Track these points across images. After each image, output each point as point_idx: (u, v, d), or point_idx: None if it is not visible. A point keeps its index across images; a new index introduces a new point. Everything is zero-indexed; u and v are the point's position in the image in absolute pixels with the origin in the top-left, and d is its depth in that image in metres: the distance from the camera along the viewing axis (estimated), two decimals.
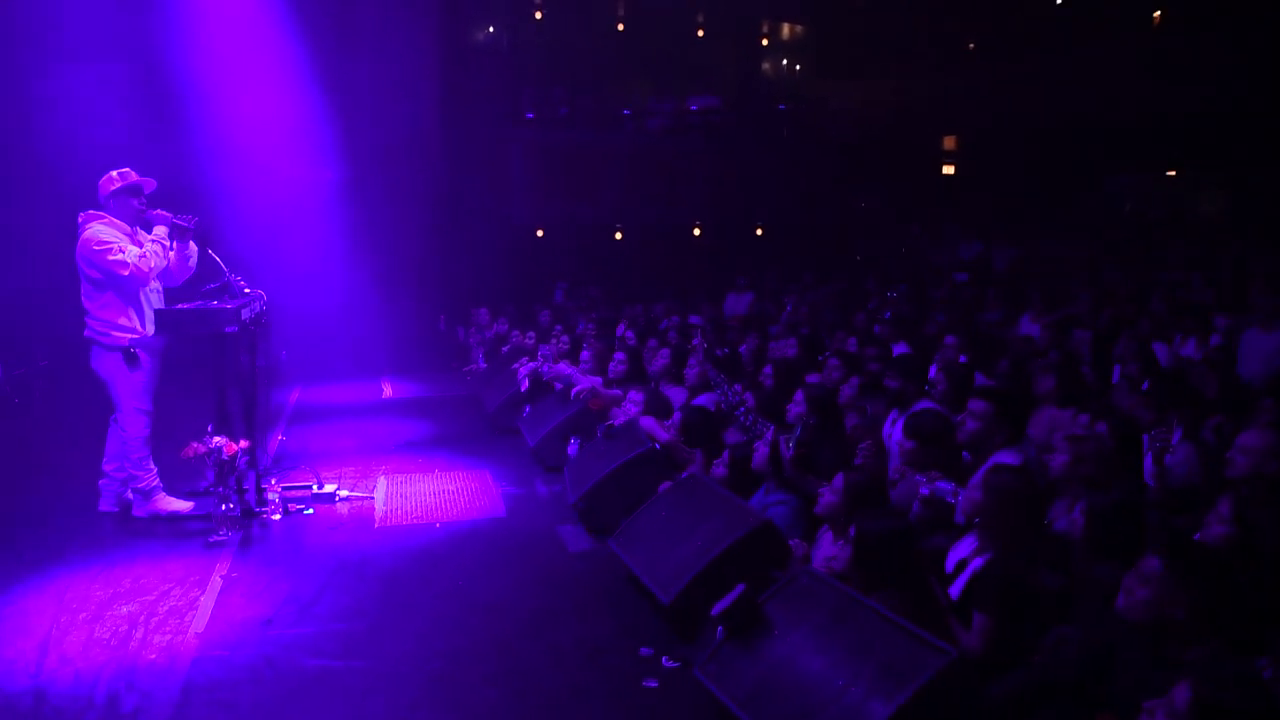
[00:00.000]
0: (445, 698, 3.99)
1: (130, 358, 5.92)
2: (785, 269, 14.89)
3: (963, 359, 8.00)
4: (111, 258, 5.69)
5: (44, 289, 10.51)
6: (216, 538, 5.74)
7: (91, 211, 5.89)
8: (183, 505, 6.23)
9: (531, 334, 10.55)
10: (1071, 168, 16.50)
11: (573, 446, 7.24)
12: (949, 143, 18.28)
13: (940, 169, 18.18)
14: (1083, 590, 3.84)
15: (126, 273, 5.70)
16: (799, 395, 6.24)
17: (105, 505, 6.29)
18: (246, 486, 6.15)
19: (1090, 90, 15.54)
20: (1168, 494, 5.19)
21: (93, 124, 9.16)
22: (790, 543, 4.73)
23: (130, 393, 5.98)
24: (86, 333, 5.94)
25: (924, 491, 4.80)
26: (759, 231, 16.44)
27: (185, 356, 6.51)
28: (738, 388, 6.85)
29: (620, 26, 15.86)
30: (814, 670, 3.49)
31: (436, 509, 6.39)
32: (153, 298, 6.06)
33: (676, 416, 6.47)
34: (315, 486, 6.58)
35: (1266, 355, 7.99)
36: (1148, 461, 5.38)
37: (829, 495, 4.68)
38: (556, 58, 15.30)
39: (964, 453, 5.35)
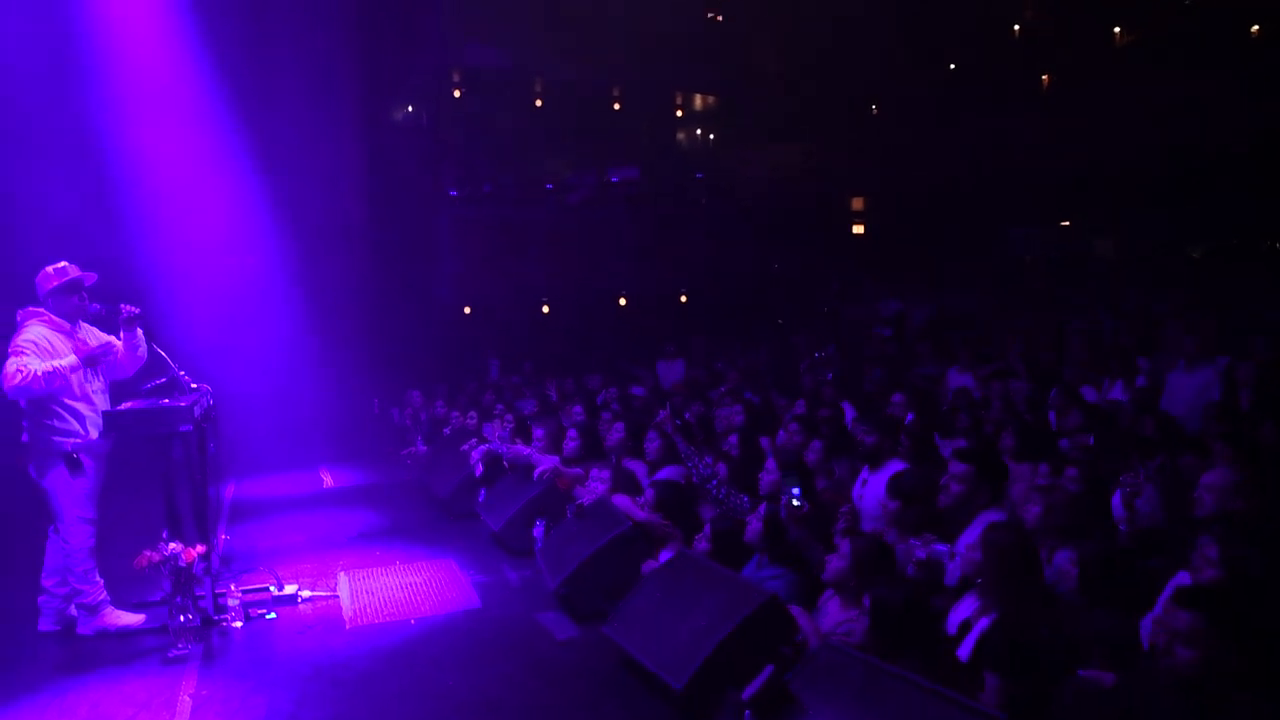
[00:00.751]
0: None
1: (73, 463, 5.56)
2: (712, 334, 15.05)
3: (909, 416, 8.15)
4: (5, 367, 5.30)
5: None
6: (177, 652, 5.37)
7: (31, 308, 5.56)
8: (133, 619, 5.82)
9: (473, 414, 10.35)
10: (975, 222, 17.26)
11: (538, 528, 7.07)
12: (857, 203, 18.91)
13: (851, 228, 18.76)
14: (1083, 639, 3.90)
15: (7, 386, 5.30)
16: (770, 464, 6.25)
17: (45, 624, 5.82)
18: (202, 593, 5.79)
19: (989, 151, 16.37)
20: (1139, 537, 5.35)
21: (29, 214, 8.74)
22: (791, 609, 4.68)
23: (73, 501, 5.59)
24: (25, 437, 5.56)
25: (920, 554, 4.82)
26: (683, 298, 16.63)
27: (121, 456, 6.17)
28: (708, 459, 6.82)
29: (539, 102, 16.04)
30: None
31: (407, 604, 6.13)
32: (97, 399, 5.72)
33: (649, 493, 6.38)
34: (275, 588, 6.24)
35: (1192, 394, 8.37)
36: (1115, 505, 5.54)
37: (837, 561, 4.65)
38: (477, 135, 15.33)
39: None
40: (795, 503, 5.19)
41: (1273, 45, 14.40)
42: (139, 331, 5.94)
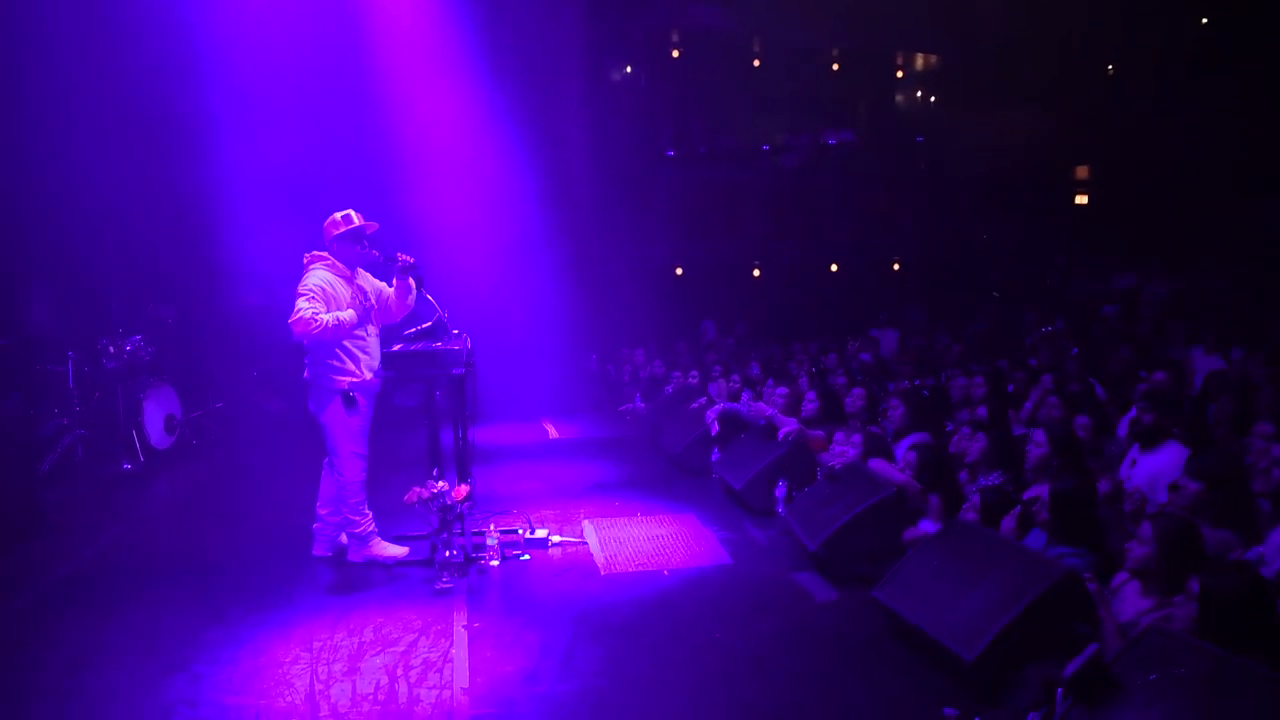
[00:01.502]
0: None
1: (349, 401, 5.82)
2: (925, 305, 14.46)
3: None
4: (296, 305, 5.56)
5: (212, 331, 10.83)
6: (442, 585, 5.56)
7: (317, 253, 5.84)
8: (398, 551, 6.09)
9: (695, 373, 10.32)
10: (1217, 195, 15.74)
11: (780, 489, 6.94)
12: (1081, 172, 17.64)
13: (1074, 199, 17.54)
14: None
15: (296, 329, 5.55)
16: (1039, 436, 5.84)
17: (319, 550, 6.18)
18: (462, 531, 5.98)
19: (1237, 116, 14.82)
20: None
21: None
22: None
23: (347, 436, 5.87)
24: (307, 375, 5.87)
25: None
26: (896, 266, 16.03)
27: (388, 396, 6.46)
28: (965, 430, 6.49)
29: (756, 63, 15.77)
30: None
31: (657, 555, 6.13)
32: (371, 341, 5.97)
33: (905, 458, 6.12)
34: (527, 531, 6.38)
35: None
36: None
37: (1139, 548, 4.26)
38: (694, 96, 15.23)
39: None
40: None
41: None
42: (410, 280, 6.15)
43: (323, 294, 5.70)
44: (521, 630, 4.99)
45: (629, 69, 15.27)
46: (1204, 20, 15.22)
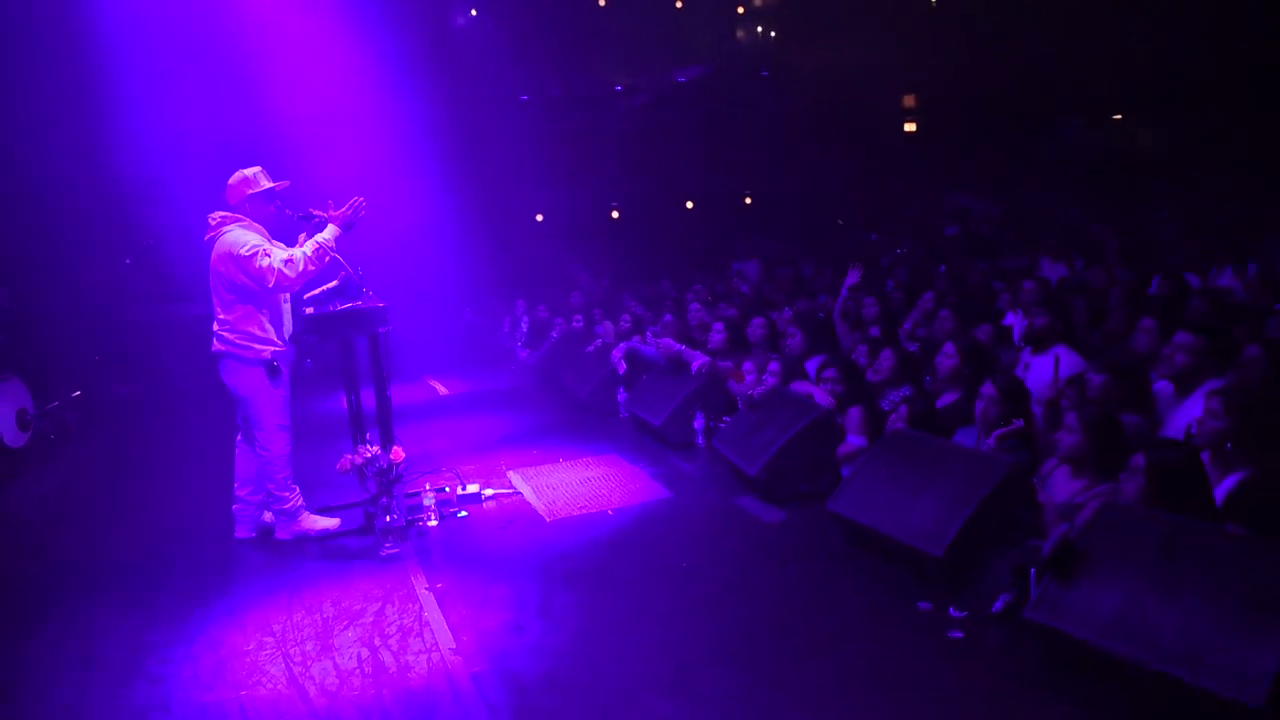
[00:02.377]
0: (775, 674, 3.82)
1: (273, 371, 5.52)
2: (778, 236, 14.91)
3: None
4: (258, 263, 5.27)
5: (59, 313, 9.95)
6: (388, 551, 5.41)
7: (225, 213, 5.45)
8: (329, 523, 5.85)
9: (579, 318, 10.30)
10: (1025, 116, 16.90)
11: (698, 421, 7.10)
12: (909, 100, 18.51)
13: (903, 127, 18.41)
14: None
15: (272, 281, 5.28)
16: (949, 348, 6.18)
17: (242, 532, 5.86)
18: (394, 494, 5.80)
19: (1041, 40, 15.88)
20: None
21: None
22: None
23: (272, 409, 5.57)
24: (221, 346, 5.49)
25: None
26: (748, 200, 16.39)
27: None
28: (863, 349, 6.79)
29: (602, 1, 15.55)
30: (1176, 599, 3.42)
31: (596, 497, 6.16)
32: (286, 307, 5.66)
33: (829, 374, 6.33)
34: (459, 488, 6.26)
35: None
36: None
37: (1069, 436, 4.61)
38: (541, 37, 14.90)
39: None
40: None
41: None
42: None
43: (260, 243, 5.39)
44: (488, 585, 4.93)
45: (473, 12, 14.78)
46: None
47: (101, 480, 7.79)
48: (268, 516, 5.87)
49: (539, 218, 14.76)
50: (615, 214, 15.31)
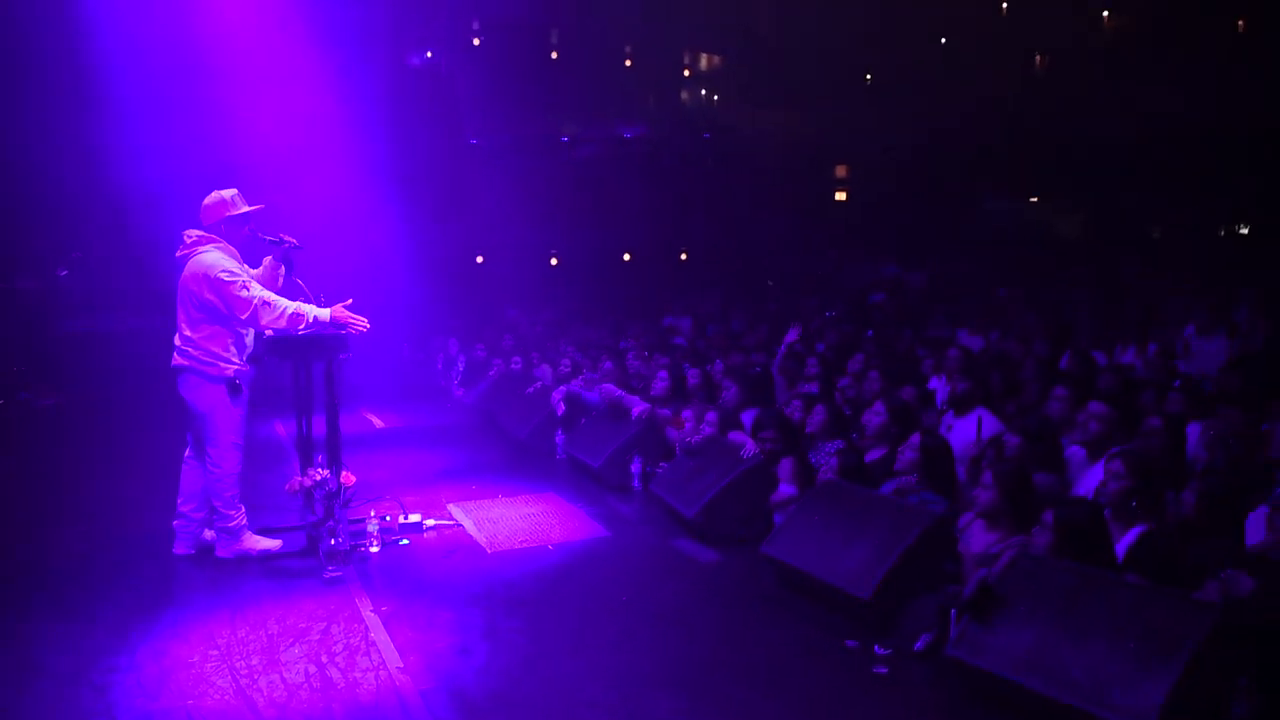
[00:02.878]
0: (717, 700, 4.04)
1: (234, 389, 5.60)
2: (716, 292, 15.35)
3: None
4: (237, 292, 5.37)
5: None
6: (332, 573, 5.48)
7: (201, 233, 5.55)
8: (271, 543, 5.90)
9: (517, 359, 10.49)
10: (952, 193, 17.87)
11: (635, 465, 7.33)
12: (840, 170, 19.38)
13: (834, 195, 19.25)
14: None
15: (245, 314, 5.39)
16: (879, 406, 6.57)
17: (181, 548, 5.87)
18: (340, 518, 5.88)
19: (970, 122, 16.93)
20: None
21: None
22: None
23: (229, 427, 5.64)
24: (183, 361, 5.55)
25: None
26: (684, 256, 16.88)
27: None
28: (797, 404, 7.13)
29: (554, 55, 16.00)
30: (1083, 639, 3.77)
31: (536, 532, 6.33)
32: (251, 329, 5.76)
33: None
34: (401, 517, 6.36)
35: (1209, 358, 8.99)
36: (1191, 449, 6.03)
37: (984, 493, 4.98)
38: (493, 84, 15.24)
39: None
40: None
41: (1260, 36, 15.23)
42: (281, 264, 5.97)
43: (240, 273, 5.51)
44: (433, 610, 5.05)
45: (429, 54, 15.06)
46: (943, 40, 17.22)
47: (22, 495, 7.63)
48: (208, 534, 5.89)
49: (479, 259, 14.97)
50: (554, 260, 15.61)
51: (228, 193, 5.65)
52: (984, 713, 3.89)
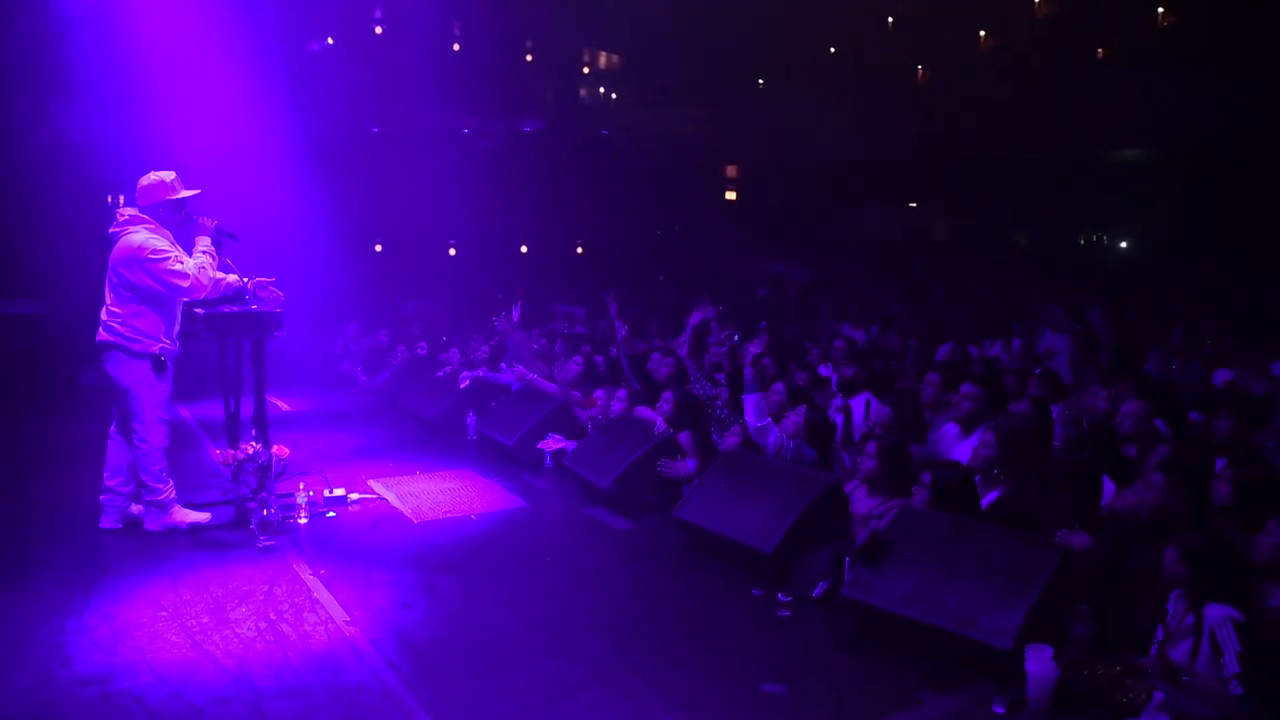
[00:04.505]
0: (642, 641, 4.52)
1: (159, 365, 5.77)
2: (607, 285, 15.84)
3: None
4: (170, 267, 5.55)
5: None
6: (265, 543, 5.72)
7: (134, 212, 5.68)
8: (200, 516, 6.08)
9: (423, 344, 10.74)
10: (837, 196, 18.91)
11: (546, 443, 7.75)
12: (731, 171, 20.17)
13: (724, 194, 20.03)
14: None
15: (187, 284, 5.59)
16: (779, 387, 7.20)
17: (108, 522, 5.98)
18: (271, 489, 6.10)
19: (856, 132, 17.97)
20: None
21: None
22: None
23: (155, 402, 5.80)
24: (109, 337, 5.69)
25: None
26: (579, 250, 17.28)
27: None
28: (706, 384, 7.69)
29: (456, 46, 16.12)
30: (956, 577, 4.42)
31: (458, 503, 6.68)
32: (180, 307, 5.93)
33: (664, 405, 7.16)
34: (326, 491, 6.61)
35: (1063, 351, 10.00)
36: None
37: (868, 461, 5.63)
38: (396, 73, 15.26)
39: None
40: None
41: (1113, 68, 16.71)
42: (211, 245, 6.13)
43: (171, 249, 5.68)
44: (369, 572, 5.37)
45: (330, 40, 14.99)
46: (831, 49, 18.17)
47: None
48: (135, 508, 6.02)
49: (378, 247, 15.02)
50: (453, 250, 15.80)
51: (168, 175, 5.80)
52: (875, 645, 4.49)
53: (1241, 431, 5.52)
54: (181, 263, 5.63)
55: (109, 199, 12.50)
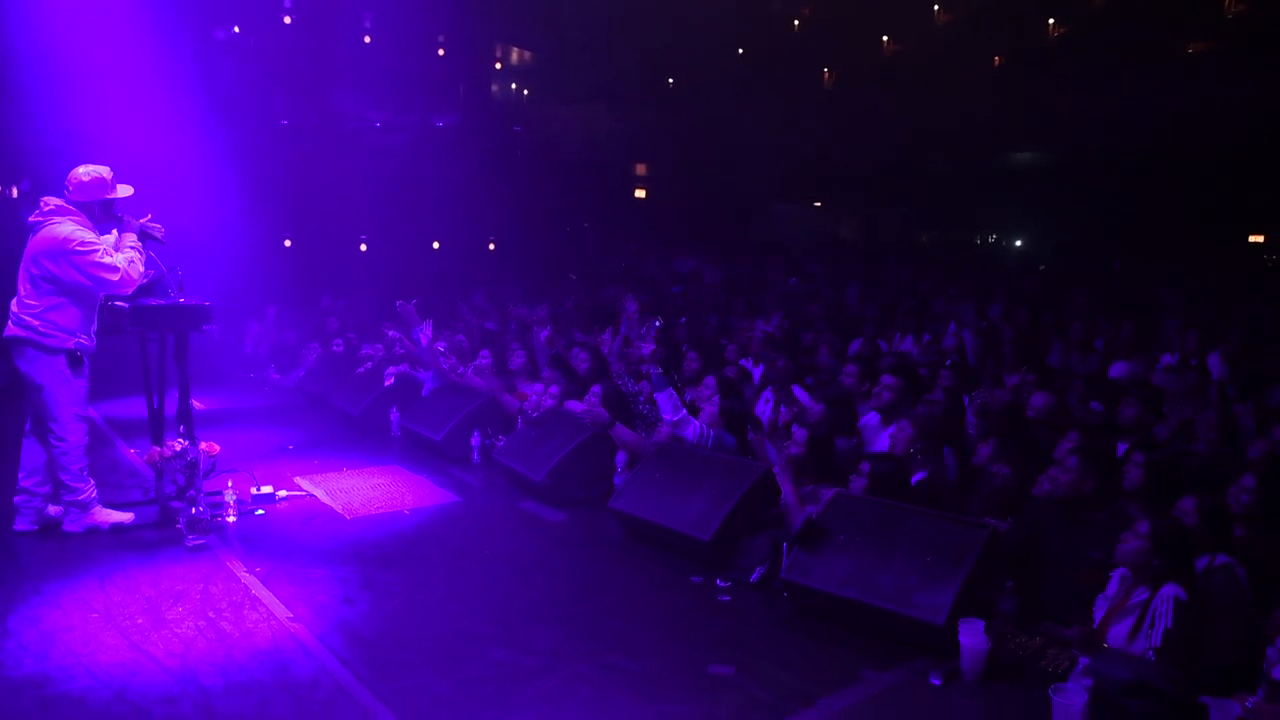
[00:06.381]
0: (588, 629, 4.60)
1: (75, 361, 5.57)
2: (518, 282, 15.84)
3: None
4: (99, 259, 5.36)
5: None
6: (195, 541, 5.59)
7: (60, 203, 5.47)
8: (123, 516, 5.90)
9: (339, 341, 10.56)
10: (743, 196, 19.30)
11: (475, 438, 7.74)
12: (640, 169, 20.34)
13: (634, 192, 20.19)
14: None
15: (117, 277, 5.41)
16: (710, 380, 7.36)
17: (22, 524, 5.75)
18: (199, 487, 5.96)
19: (766, 134, 18.37)
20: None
21: None
22: None
23: (72, 399, 5.60)
24: (20, 331, 5.47)
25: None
26: (491, 246, 17.18)
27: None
28: (644, 384, 7.80)
29: (367, 39, 15.81)
30: (890, 558, 4.63)
31: (389, 499, 6.63)
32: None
33: (592, 398, 7.24)
34: (254, 488, 6.48)
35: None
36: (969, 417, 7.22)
37: (795, 448, 5.84)
38: (305, 65, 14.88)
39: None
40: None
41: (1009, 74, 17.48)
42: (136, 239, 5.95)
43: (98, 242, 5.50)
44: (307, 569, 5.31)
45: (236, 29, 14.51)
46: (740, 51, 18.51)
47: None
48: (53, 509, 5.82)
49: (287, 243, 14.65)
50: (364, 246, 15.52)
51: (105, 171, 5.64)
52: (813, 625, 4.67)
53: (1144, 419, 5.91)
54: (110, 255, 5.45)
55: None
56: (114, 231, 5.85)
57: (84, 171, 5.59)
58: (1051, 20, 17.64)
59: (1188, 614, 3.77)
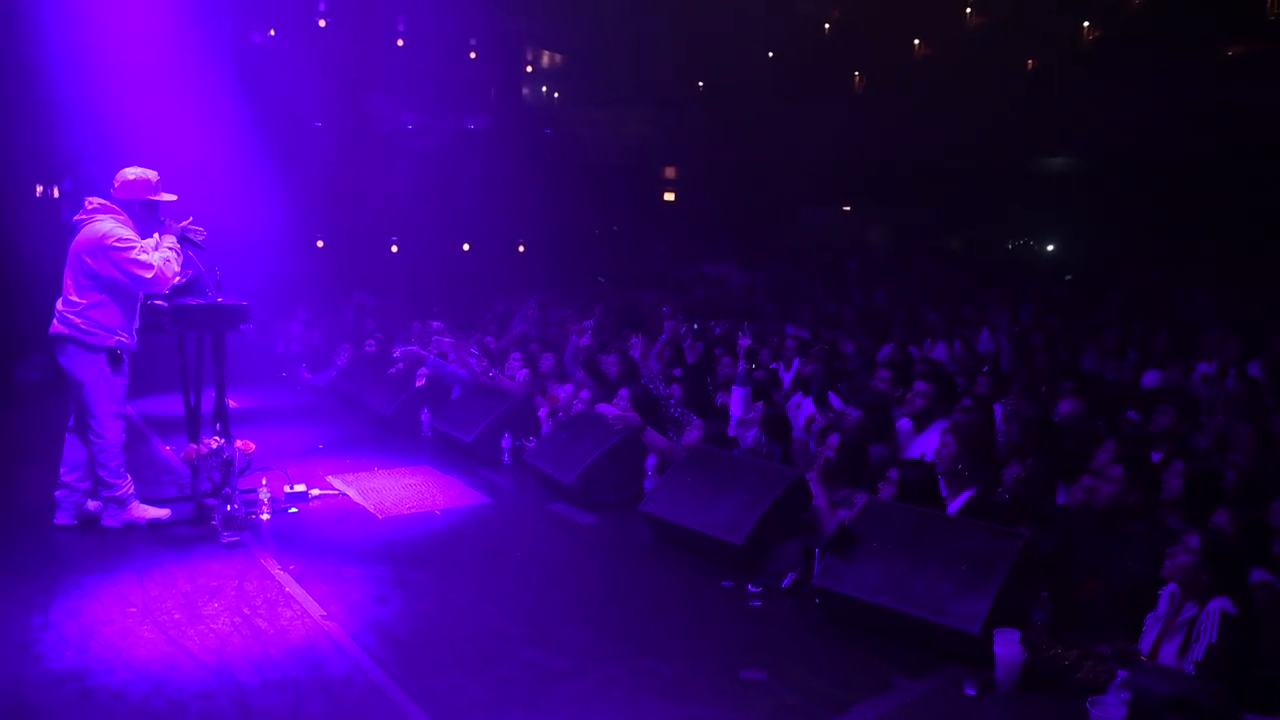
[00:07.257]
0: (619, 631, 4.61)
1: (115, 359, 5.66)
2: (553, 284, 15.89)
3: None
4: (135, 256, 5.45)
5: None
6: (230, 538, 5.66)
7: (102, 202, 5.56)
8: (160, 512, 5.98)
9: (370, 342, 10.64)
10: (773, 199, 19.25)
11: (506, 440, 7.77)
12: (669, 172, 20.35)
13: (663, 195, 20.21)
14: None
15: (151, 275, 5.49)
16: (737, 390, 7.34)
17: (63, 518, 5.85)
18: (234, 485, 6.03)
19: (795, 136, 18.31)
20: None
21: None
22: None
23: (111, 396, 5.69)
24: (63, 329, 5.56)
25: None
26: (521, 248, 17.27)
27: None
28: (675, 387, 7.81)
29: (400, 42, 15.96)
30: (923, 565, 4.61)
31: (421, 499, 6.67)
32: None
33: (621, 400, 7.25)
34: (287, 487, 6.55)
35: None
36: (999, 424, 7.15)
37: (829, 453, 5.82)
38: (339, 67, 15.04)
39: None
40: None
41: (1042, 78, 17.34)
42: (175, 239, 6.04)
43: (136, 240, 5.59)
44: (340, 568, 5.36)
45: (272, 32, 14.70)
46: (770, 54, 18.49)
47: None
48: (92, 505, 5.90)
49: (320, 243, 14.80)
50: (395, 247, 15.64)
51: (153, 176, 5.75)
52: (845, 631, 4.65)
53: (1179, 428, 5.83)
54: (147, 253, 5.54)
55: (39, 189, 12.16)
56: (155, 235, 5.94)
57: (131, 172, 5.69)
58: (1086, 23, 17.48)
59: (1235, 628, 3.69)
